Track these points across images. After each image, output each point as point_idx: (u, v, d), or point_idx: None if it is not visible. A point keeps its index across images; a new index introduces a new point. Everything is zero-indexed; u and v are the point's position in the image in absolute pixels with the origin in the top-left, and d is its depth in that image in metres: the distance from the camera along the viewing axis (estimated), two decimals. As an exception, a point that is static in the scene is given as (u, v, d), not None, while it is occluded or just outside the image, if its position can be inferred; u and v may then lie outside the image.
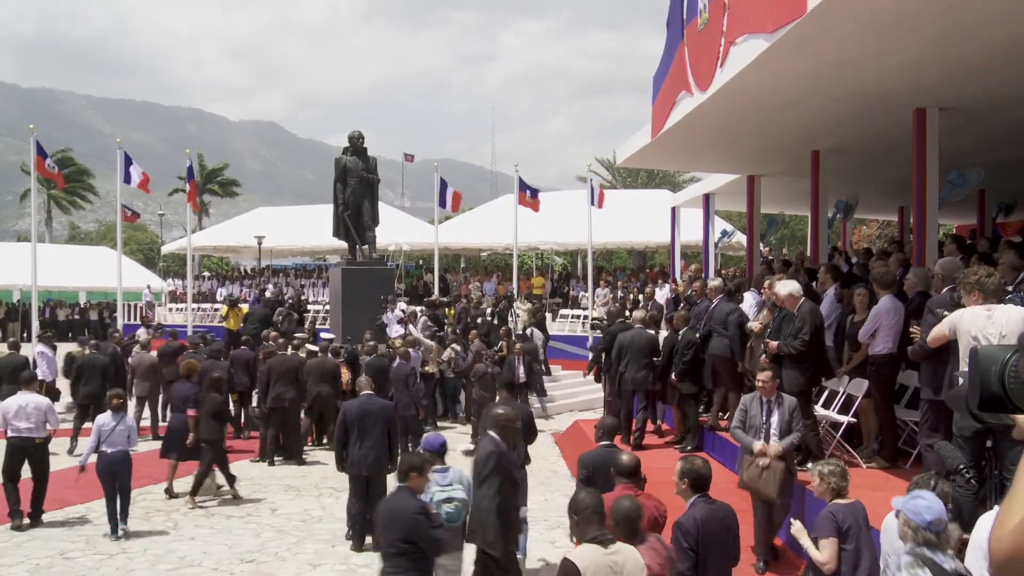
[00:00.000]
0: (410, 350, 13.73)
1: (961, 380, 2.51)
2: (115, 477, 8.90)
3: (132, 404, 14.28)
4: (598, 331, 18.61)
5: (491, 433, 5.90)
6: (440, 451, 6.33)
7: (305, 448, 13.33)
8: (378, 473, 8.71)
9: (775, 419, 6.76)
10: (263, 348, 14.29)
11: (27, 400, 9.29)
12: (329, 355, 13.69)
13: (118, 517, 8.91)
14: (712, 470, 5.13)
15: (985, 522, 4.12)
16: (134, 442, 9.32)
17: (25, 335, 25.50)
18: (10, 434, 9.25)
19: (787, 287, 8.14)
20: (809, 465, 6.82)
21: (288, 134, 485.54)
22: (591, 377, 15.25)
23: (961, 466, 5.07)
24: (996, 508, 3.66)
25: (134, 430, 9.47)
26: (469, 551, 6.10)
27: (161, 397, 14.53)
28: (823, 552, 4.88)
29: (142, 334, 16.66)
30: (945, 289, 6.79)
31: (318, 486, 11.34)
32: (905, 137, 9.98)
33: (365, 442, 8.62)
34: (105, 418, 9.11)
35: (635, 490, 5.19)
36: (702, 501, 4.89)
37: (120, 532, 8.88)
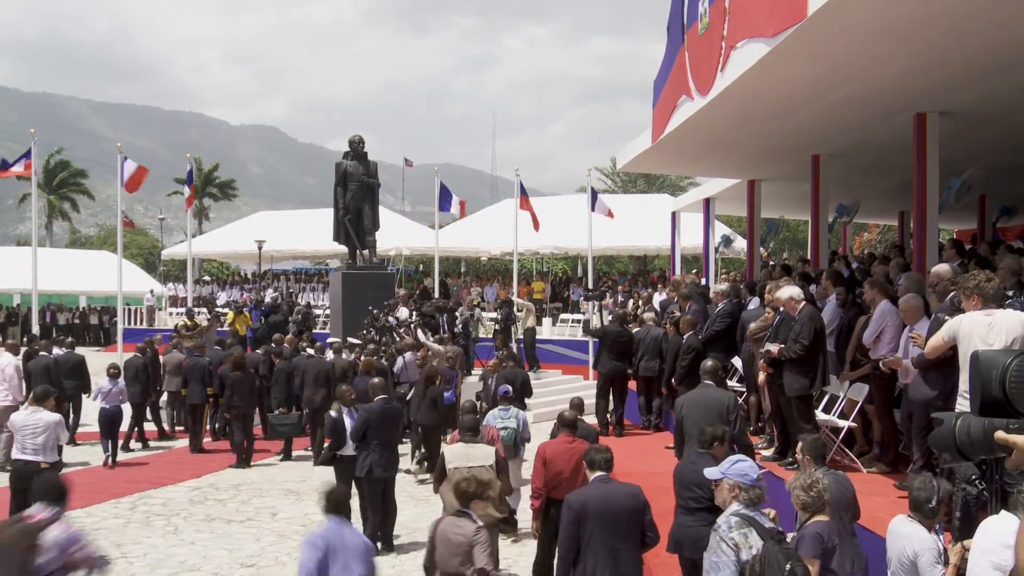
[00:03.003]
0: (407, 353, 13.77)
1: (943, 420, 2.50)
2: (112, 425, 12.60)
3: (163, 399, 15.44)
4: (593, 300, 18.88)
5: (707, 380, 7.51)
6: (506, 396, 9.24)
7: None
8: (391, 476, 8.85)
9: None
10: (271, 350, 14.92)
11: (36, 418, 8.28)
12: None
13: (110, 452, 12.56)
14: (612, 455, 5.72)
15: (988, 527, 4.10)
16: (125, 399, 13.10)
17: (24, 339, 25.46)
18: (14, 455, 8.35)
19: (788, 291, 8.14)
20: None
21: (288, 138, 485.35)
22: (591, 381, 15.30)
23: (973, 476, 5.05)
24: (1002, 513, 3.66)
25: (124, 391, 13.09)
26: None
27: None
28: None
29: (202, 320, 17.82)
30: (952, 295, 6.75)
31: (318, 490, 11.32)
32: (906, 142, 9.98)
33: (386, 446, 8.74)
34: (104, 383, 12.85)
35: (573, 438, 7.06)
36: (597, 481, 5.53)
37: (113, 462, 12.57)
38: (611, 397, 12.42)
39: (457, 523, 5.27)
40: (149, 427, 14.79)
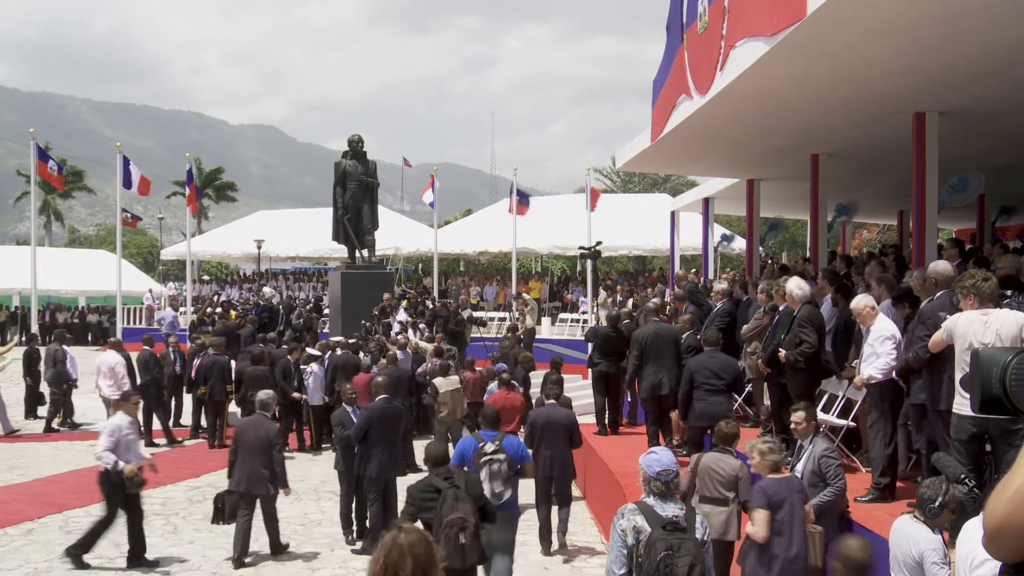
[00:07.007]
0: (398, 353, 13.82)
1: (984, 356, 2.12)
2: None
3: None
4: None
5: (653, 318, 10.54)
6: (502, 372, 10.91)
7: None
8: (393, 476, 8.81)
9: (799, 467, 5.99)
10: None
11: None
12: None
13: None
14: (562, 386, 9.31)
15: (966, 533, 4.09)
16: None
17: (23, 338, 25.44)
18: None
19: (793, 284, 8.06)
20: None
21: (288, 138, 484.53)
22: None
23: (962, 475, 5.05)
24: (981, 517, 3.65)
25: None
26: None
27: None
28: (755, 523, 5.36)
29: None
30: (940, 294, 6.74)
31: (317, 490, 11.33)
32: (904, 141, 9.99)
33: (388, 446, 8.71)
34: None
35: (508, 391, 9.74)
36: (548, 407, 8.61)
37: None
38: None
39: (722, 459, 6.19)
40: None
